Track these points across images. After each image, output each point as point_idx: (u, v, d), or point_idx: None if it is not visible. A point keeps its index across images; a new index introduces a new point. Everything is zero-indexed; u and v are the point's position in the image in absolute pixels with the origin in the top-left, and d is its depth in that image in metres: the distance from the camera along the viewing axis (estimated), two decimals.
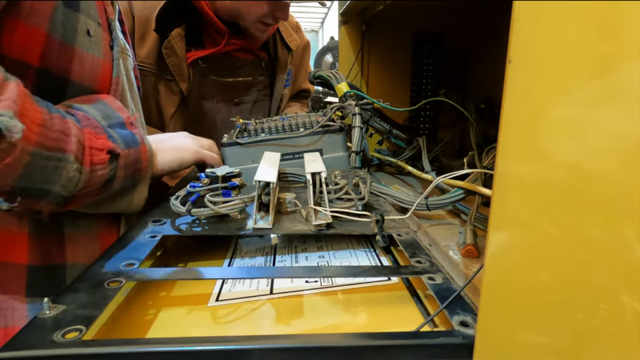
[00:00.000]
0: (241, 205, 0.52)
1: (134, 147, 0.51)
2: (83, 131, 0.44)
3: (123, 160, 0.49)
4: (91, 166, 0.44)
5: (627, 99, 0.23)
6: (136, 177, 0.53)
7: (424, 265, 0.43)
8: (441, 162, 0.82)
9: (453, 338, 0.31)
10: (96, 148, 0.45)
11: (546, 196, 0.26)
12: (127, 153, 0.49)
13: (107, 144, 0.46)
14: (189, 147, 0.64)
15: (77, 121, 0.45)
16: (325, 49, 3.47)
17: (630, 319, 0.25)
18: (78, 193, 0.44)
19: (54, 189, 0.41)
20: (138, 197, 0.55)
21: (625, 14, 0.22)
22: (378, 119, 0.85)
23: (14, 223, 0.50)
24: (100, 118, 0.49)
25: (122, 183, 0.50)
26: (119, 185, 0.50)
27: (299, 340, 0.31)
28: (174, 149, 0.62)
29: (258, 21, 0.96)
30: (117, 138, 0.49)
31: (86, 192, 0.45)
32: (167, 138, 0.64)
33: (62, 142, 0.41)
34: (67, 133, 0.42)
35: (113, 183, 0.48)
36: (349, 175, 0.59)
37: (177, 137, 0.66)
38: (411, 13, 0.99)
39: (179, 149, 0.62)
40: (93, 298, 0.35)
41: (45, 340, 0.29)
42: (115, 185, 0.49)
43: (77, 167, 0.42)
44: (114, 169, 0.47)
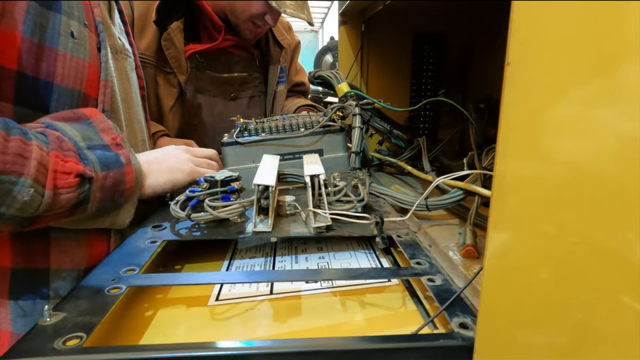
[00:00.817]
0: (241, 208, 0.52)
1: (115, 169, 0.49)
2: (50, 154, 0.43)
3: (99, 182, 0.47)
4: (54, 189, 0.43)
5: (626, 99, 0.23)
6: (118, 199, 0.51)
7: (424, 267, 0.43)
8: (441, 162, 0.82)
9: (453, 340, 0.31)
10: (62, 172, 0.44)
11: (545, 196, 0.26)
12: (103, 175, 0.48)
13: (76, 167, 0.45)
14: (183, 168, 0.61)
15: (45, 143, 0.44)
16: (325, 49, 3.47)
17: (630, 319, 0.25)
18: (42, 214, 0.44)
19: (7, 212, 0.41)
20: (123, 216, 0.53)
21: (623, 14, 0.22)
22: (378, 119, 0.85)
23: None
24: (79, 139, 0.48)
25: (99, 204, 0.49)
26: (94, 207, 0.48)
27: (298, 344, 0.31)
28: (167, 170, 0.59)
29: (249, 20, 0.98)
30: (92, 160, 0.47)
31: (53, 214, 0.45)
32: (161, 157, 0.61)
33: (17, 165, 0.40)
34: (26, 156, 0.41)
35: (87, 205, 0.47)
36: (348, 177, 0.59)
37: (172, 156, 0.62)
38: (411, 13, 0.99)
39: (172, 170, 0.59)
40: (94, 305, 0.35)
41: (46, 348, 0.29)
42: (90, 207, 0.48)
43: (36, 190, 0.41)
44: (86, 192, 0.46)
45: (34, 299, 0.53)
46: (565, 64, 0.24)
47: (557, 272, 0.26)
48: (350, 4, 0.99)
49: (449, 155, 0.85)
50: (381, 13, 0.93)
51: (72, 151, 0.46)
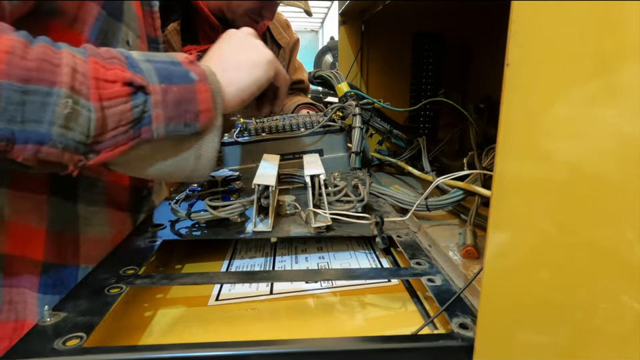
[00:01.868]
0: (241, 208, 0.52)
1: (181, 84, 0.42)
2: (87, 61, 0.38)
3: (158, 96, 0.40)
4: (100, 101, 0.37)
5: (626, 99, 0.23)
6: (192, 122, 0.43)
7: (423, 267, 0.43)
8: (441, 162, 0.82)
9: (452, 340, 0.31)
10: (104, 79, 0.38)
11: (545, 196, 0.26)
12: (163, 88, 0.40)
13: (122, 75, 0.38)
14: (265, 60, 0.51)
15: (80, 52, 0.38)
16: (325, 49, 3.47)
17: (630, 319, 0.25)
18: (101, 138, 0.38)
19: (52, 131, 0.35)
20: (207, 149, 0.45)
21: (623, 15, 0.22)
22: (378, 119, 0.85)
23: (33, 218, 0.50)
24: (136, 54, 0.42)
25: (167, 127, 0.41)
26: (161, 130, 0.41)
27: (298, 344, 0.31)
28: (248, 70, 0.49)
29: (246, 15, 0.98)
30: (147, 70, 0.41)
31: (114, 137, 0.39)
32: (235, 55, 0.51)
33: (46, 72, 0.35)
34: (56, 63, 0.35)
35: (149, 124, 0.40)
36: (348, 177, 0.59)
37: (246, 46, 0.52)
38: (411, 13, 0.99)
39: (253, 68, 0.50)
40: (94, 305, 0.35)
41: (46, 348, 0.29)
42: (156, 128, 0.41)
43: (76, 102, 0.36)
44: (141, 106, 0.39)
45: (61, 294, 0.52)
46: (565, 64, 0.24)
47: (557, 272, 0.26)
48: (350, 4, 0.99)
49: (448, 155, 0.85)
50: (380, 13, 0.93)
51: (116, 59, 0.40)
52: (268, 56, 0.51)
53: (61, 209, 0.52)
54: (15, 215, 0.49)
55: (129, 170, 0.44)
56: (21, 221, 0.50)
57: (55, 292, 0.52)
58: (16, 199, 0.49)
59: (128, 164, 0.43)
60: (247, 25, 1.00)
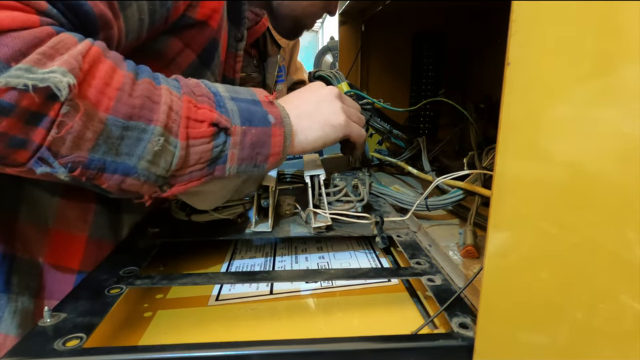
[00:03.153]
0: (241, 209, 0.52)
1: (260, 127, 0.42)
2: (182, 99, 0.39)
3: (237, 137, 0.41)
4: (187, 140, 0.38)
5: (626, 99, 0.23)
6: (261, 164, 0.44)
7: (423, 266, 0.43)
8: (441, 162, 0.82)
9: (452, 340, 0.31)
10: (194, 119, 0.39)
11: (545, 196, 0.26)
12: (243, 130, 0.41)
13: (210, 115, 0.39)
14: (337, 122, 0.51)
15: (176, 88, 0.39)
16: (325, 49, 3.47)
17: (630, 319, 0.25)
18: (178, 173, 0.39)
19: (139, 165, 0.36)
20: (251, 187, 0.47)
21: (623, 15, 0.22)
22: (378, 119, 0.85)
23: (77, 225, 0.51)
24: (222, 90, 0.43)
25: (238, 166, 0.42)
26: (233, 169, 0.42)
27: (297, 345, 0.31)
28: (319, 125, 0.50)
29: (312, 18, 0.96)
30: (231, 110, 0.41)
31: (189, 173, 0.40)
32: (314, 107, 0.51)
33: (146, 110, 0.36)
34: (156, 100, 0.36)
35: (224, 164, 0.41)
36: (348, 177, 0.59)
37: (326, 105, 0.52)
38: (411, 13, 0.99)
39: (325, 125, 0.50)
40: (94, 305, 0.35)
41: (46, 348, 0.29)
42: (229, 167, 0.41)
43: (167, 140, 0.37)
44: (221, 147, 0.40)
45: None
46: (565, 64, 0.24)
47: (557, 272, 0.26)
48: (350, 4, 0.99)
49: (449, 155, 0.84)
50: (380, 13, 0.93)
51: (206, 97, 0.41)
52: (343, 120, 0.51)
53: (105, 217, 0.53)
54: (60, 223, 0.50)
55: (191, 200, 0.46)
56: (64, 229, 0.50)
57: None
58: (64, 206, 0.50)
59: (195, 195, 0.45)
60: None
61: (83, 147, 0.33)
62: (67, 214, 0.51)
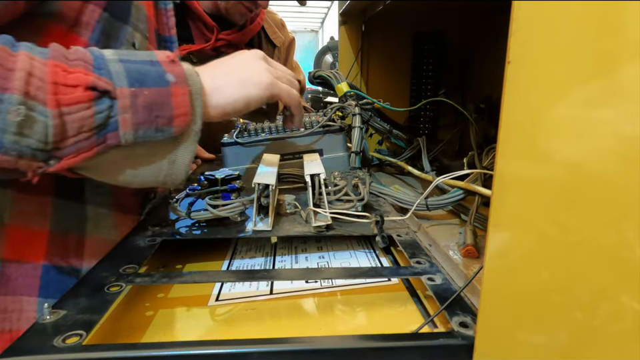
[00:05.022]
0: (241, 207, 0.52)
1: (155, 87, 0.39)
2: (47, 63, 0.35)
3: (126, 100, 0.38)
4: (59, 107, 0.35)
5: (627, 99, 0.23)
6: (165, 127, 0.41)
7: (423, 266, 0.43)
8: (441, 162, 0.82)
9: (453, 339, 0.31)
10: (65, 84, 0.36)
11: (545, 196, 0.26)
12: (132, 92, 0.38)
13: (85, 79, 0.36)
14: (260, 80, 0.49)
15: (41, 53, 0.36)
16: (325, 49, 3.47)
17: (630, 319, 0.25)
18: (61, 144, 0.36)
19: (3, 139, 0.34)
20: (181, 155, 0.43)
21: (624, 14, 0.22)
22: (378, 118, 0.85)
23: (36, 220, 0.49)
24: (110, 53, 0.40)
25: (135, 132, 0.39)
26: (129, 135, 0.39)
27: (298, 343, 0.31)
28: (239, 83, 0.47)
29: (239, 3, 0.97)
30: (115, 72, 0.38)
31: (74, 142, 0.37)
32: (232, 66, 0.49)
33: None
34: (9, 67, 0.33)
35: (116, 130, 0.38)
36: (348, 176, 0.59)
37: (247, 64, 0.50)
38: (411, 13, 0.99)
39: (245, 83, 0.48)
40: (93, 302, 0.35)
41: (46, 345, 0.29)
42: (124, 135, 0.39)
43: (30, 108, 0.34)
44: (106, 112, 0.37)
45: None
46: (566, 63, 0.24)
47: (557, 271, 0.26)
48: (350, 4, 0.99)
49: (448, 155, 0.85)
50: (381, 13, 0.93)
51: (81, 60, 0.37)
52: (267, 78, 0.49)
53: (66, 210, 0.51)
54: (16, 218, 0.48)
55: (99, 175, 0.42)
56: (22, 224, 0.49)
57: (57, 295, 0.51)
58: (18, 201, 0.48)
59: (97, 169, 0.41)
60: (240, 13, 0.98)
61: None
62: (23, 209, 0.48)
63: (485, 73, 0.93)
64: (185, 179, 0.45)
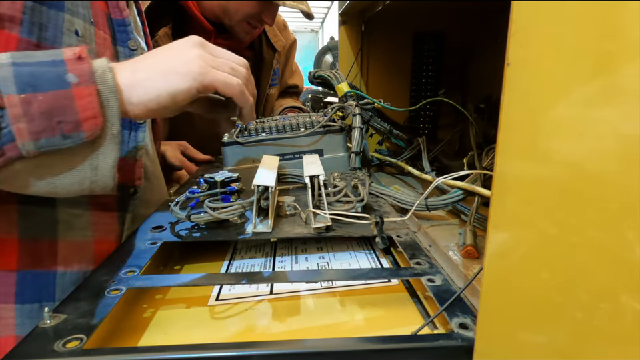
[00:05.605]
0: (240, 209, 0.52)
1: (52, 90, 0.36)
2: None
3: (18, 109, 0.35)
4: None
5: (626, 99, 0.23)
6: (72, 134, 0.37)
7: (423, 267, 0.43)
8: (441, 162, 0.82)
9: (452, 340, 0.31)
10: None
11: (545, 196, 0.26)
12: (23, 98, 0.35)
13: None
14: (187, 70, 0.44)
15: None
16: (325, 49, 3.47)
17: (630, 319, 0.25)
18: None
19: None
20: (103, 160, 0.40)
21: (624, 14, 0.22)
22: (378, 119, 0.85)
23: (2, 228, 0.48)
24: (4, 57, 0.37)
25: (35, 141, 0.36)
26: (30, 145, 0.36)
27: (297, 345, 0.31)
28: (163, 74, 0.43)
29: (244, 21, 0.95)
30: (2, 78, 0.35)
31: None
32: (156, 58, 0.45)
33: None
34: None
35: (13, 141, 0.35)
36: (348, 177, 0.59)
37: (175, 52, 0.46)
38: (411, 13, 0.99)
39: (169, 74, 0.43)
40: (94, 306, 0.35)
41: (46, 350, 0.29)
42: (23, 145, 0.36)
43: None
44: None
45: (40, 302, 0.51)
46: (565, 64, 0.24)
47: (557, 272, 0.26)
48: (350, 4, 0.99)
49: (449, 155, 0.85)
50: (380, 13, 0.93)
51: None
52: (197, 67, 0.45)
53: (34, 216, 0.49)
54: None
55: (13, 187, 0.40)
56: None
57: (34, 300, 0.50)
58: None
59: (7, 181, 0.39)
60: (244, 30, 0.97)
61: None
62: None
63: (485, 73, 0.93)
64: (113, 184, 0.42)
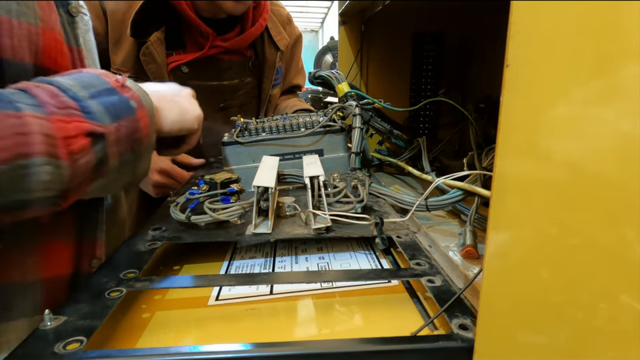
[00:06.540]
0: (240, 210, 0.52)
1: (127, 116, 0.43)
2: (51, 120, 0.36)
3: (113, 136, 0.41)
4: (70, 158, 0.37)
5: (626, 99, 0.23)
6: (137, 148, 0.44)
7: (423, 267, 0.43)
8: (441, 162, 0.82)
9: (452, 342, 0.31)
10: (68, 136, 0.37)
11: (545, 196, 0.26)
12: (115, 127, 0.41)
13: (82, 126, 0.38)
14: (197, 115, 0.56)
15: (37, 107, 0.36)
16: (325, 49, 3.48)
17: (630, 319, 0.25)
18: (70, 186, 0.39)
19: (33, 197, 0.36)
20: (142, 166, 0.47)
21: (623, 15, 0.22)
22: (378, 119, 0.85)
23: None
24: (78, 88, 0.40)
25: (119, 160, 0.43)
26: (115, 164, 0.42)
27: (297, 347, 0.31)
28: (179, 110, 0.53)
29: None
30: (99, 112, 0.40)
31: (78, 183, 0.39)
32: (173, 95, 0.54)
33: (20, 147, 0.34)
34: (25, 132, 0.34)
35: (107, 164, 0.41)
36: (348, 178, 0.59)
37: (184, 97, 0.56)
38: (411, 13, 0.99)
39: (183, 112, 0.53)
40: (94, 308, 0.35)
41: (46, 352, 0.29)
42: (112, 164, 0.42)
43: (54, 165, 0.36)
44: (101, 151, 0.40)
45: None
46: (564, 65, 0.24)
47: (557, 272, 0.26)
48: (350, 4, 0.99)
49: (448, 155, 0.85)
50: (380, 13, 0.93)
51: (71, 108, 0.39)
52: (198, 112, 0.56)
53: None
54: None
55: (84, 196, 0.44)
56: None
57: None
58: None
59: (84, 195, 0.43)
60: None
61: None
62: None
63: (485, 73, 0.93)
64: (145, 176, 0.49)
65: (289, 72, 1.19)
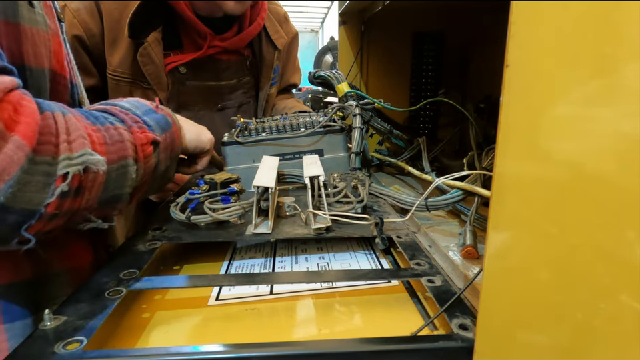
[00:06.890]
0: (240, 210, 0.52)
1: (168, 130, 0.53)
2: (131, 131, 0.46)
3: (162, 145, 0.50)
4: (143, 161, 0.46)
5: (625, 99, 0.23)
6: (173, 156, 0.54)
7: (423, 267, 0.43)
8: (441, 162, 0.82)
9: (452, 341, 0.31)
10: (143, 144, 0.46)
11: (545, 196, 0.26)
12: (164, 137, 0.51)
13: (149, 136, 0.48)
14: (210, 138, 0.66)
15: (120, 122, 0.45)
16: (325, 49, 3.48)
17: (630, 319, 0.25)
18: (138, 185, 0.47)
19: (124, 191, 0.44)
20: (171, 171, 0.56)
21: (622, 15, 0.22)
22: (378, 119, 0.85)
23: None
24: (134, 108, 0.50)
25: (164, 164, 0.52)
26: (162, 168, 0.51)
27: (297, 347, 0.31)
28: (196, 133, 0.63)
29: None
30: (154, 126, 0.50)
31: (142, 182, 0.48)
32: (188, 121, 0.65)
33: (122, 151, 0.43)
34: (121, 139, 0.43)
35: (158, 168, 0.50)
36: (348, 178, 0.59)
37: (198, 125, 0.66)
38: (411, 13, 0.99)
39: (199, 133, 0.64)
40: (94, 308, 0.35)
41: (46, 352, 0.29)
42: (160, 168, 0.51)
43: (136, 167, 0.45)
44: (157, 156, 0.49)
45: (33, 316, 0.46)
46: (564, 65, 0.24)
47: (556, 272, 0.26)
48: (350, 4, 0.99)
49: (448, 155, 0.84)
50: (380, 13, 0.93)
51: (140, 123, 0.48)
52: (211, 136, 0.66)
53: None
54: None
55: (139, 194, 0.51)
56: None
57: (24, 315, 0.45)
58: None
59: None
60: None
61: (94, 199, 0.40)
62: None
63: (485, 73, 0.93)
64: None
65: (286, 71, 1.18)
